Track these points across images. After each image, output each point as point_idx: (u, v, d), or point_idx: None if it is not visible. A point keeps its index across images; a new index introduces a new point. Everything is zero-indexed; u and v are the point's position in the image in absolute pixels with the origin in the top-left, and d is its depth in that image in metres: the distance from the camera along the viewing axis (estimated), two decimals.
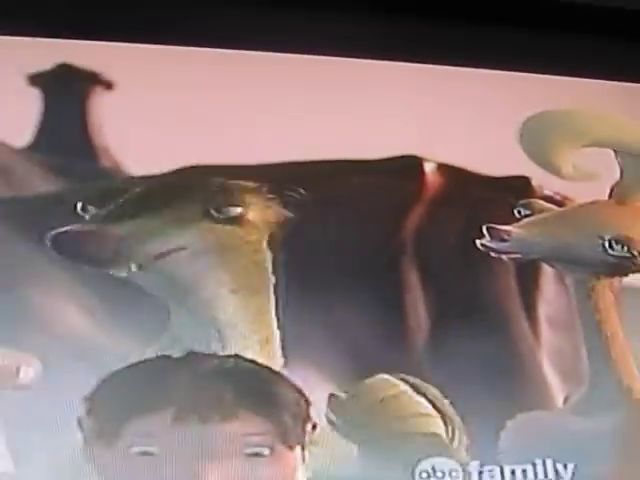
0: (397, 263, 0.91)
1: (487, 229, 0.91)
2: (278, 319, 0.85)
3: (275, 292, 0.85)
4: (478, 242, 0.91)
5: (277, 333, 0.84)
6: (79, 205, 0.84)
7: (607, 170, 0.98)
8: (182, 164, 0.88)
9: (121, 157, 0.90)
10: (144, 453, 0.73)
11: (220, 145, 0.89)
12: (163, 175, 0.88)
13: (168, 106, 0.91)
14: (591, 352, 0.91)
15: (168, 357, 0.78)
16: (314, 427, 0.78)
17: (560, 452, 0.85)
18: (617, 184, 0.97)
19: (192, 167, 0.89)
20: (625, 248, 0.91)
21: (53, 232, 0.81)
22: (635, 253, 0.91)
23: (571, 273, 0.94)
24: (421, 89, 1.00)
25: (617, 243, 0.91)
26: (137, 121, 0.89)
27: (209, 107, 0.92)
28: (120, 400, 0.75)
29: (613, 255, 0.91)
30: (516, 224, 0.93)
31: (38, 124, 0.90)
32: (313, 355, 0.85)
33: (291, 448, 0.75)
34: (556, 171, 0.95)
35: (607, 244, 0.91)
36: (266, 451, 0.73)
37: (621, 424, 0.88)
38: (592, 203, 0.96)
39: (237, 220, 0.86)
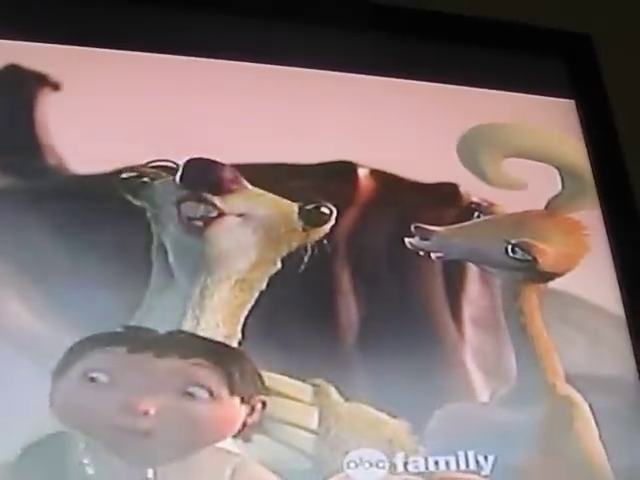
0: (330, 263, 0.94)
1: (415, 227, 0.96)
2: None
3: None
4: (407, 240, 0.95)
5: (239, 333, 0.86)
6: None
7: (552, 183, 1.03)
8: (121, 164, 0.90)
9: (66, 156, 0.91)
10: (93, 380, 0.76)
11: (161, 147, 0.91)
12: None
13: (112, 107, 0.94)
14: (518, 351, 0.95)
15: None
16: (264, 405, 0.81)
17: (485, 443, 0.88)
18: (555, 197, 1.03)
19: None
20: (524, 253, 0.96)
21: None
22: (532, 258, 0.96)
23: (499, 276, 0.98)
24: (359, 100, 1.04)
25: (518, 248, 0.96)
26: (82, 121, 0.92)
27: (150, 109, 0.95)
28: (90, 340, 0.79)
29: (515, 259, 0.96)
30: (445, 227, 0.97)
31: None
32: (252, 354, 0.86)
33: (233, 396, 0.78)
34: (482, 177, 1.01)
35: (510, 248, 0.96)
36: (206, 394, 0.77)
37: (544, 417, 0.92)
38: (522, 212, 1.01)
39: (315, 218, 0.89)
